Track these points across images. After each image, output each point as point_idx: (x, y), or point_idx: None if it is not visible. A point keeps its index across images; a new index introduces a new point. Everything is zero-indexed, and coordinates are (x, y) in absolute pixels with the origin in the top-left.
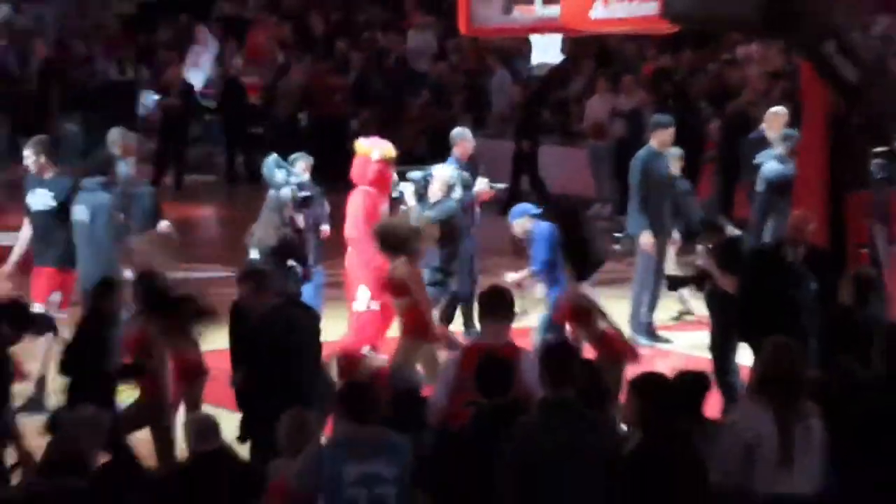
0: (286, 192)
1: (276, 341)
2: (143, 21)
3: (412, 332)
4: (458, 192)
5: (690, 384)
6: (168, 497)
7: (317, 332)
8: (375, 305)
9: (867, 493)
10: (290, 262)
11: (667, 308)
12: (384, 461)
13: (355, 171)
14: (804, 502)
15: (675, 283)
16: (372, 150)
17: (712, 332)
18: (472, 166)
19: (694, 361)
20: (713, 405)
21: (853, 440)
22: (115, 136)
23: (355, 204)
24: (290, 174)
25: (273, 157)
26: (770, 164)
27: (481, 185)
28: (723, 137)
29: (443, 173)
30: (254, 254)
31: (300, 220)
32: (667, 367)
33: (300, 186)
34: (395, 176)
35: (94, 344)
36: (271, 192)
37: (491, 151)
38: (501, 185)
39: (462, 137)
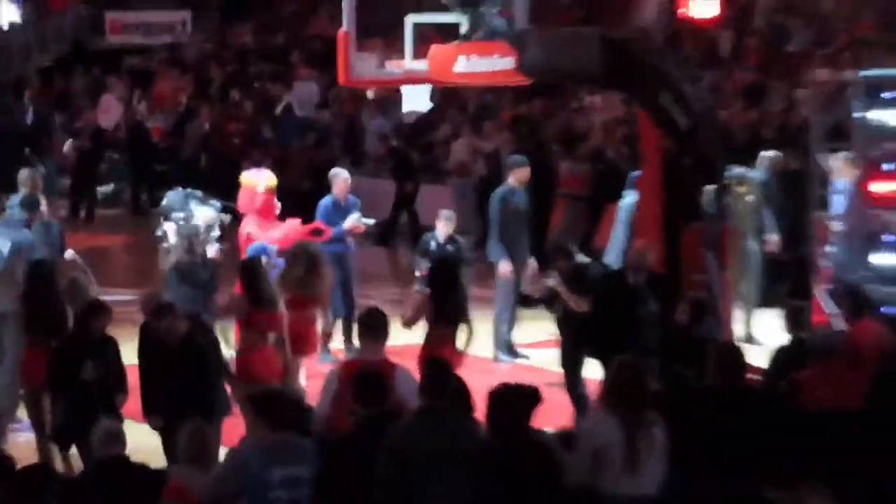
0: (213, 216)
1: (191, 367)
2: (59, 73)
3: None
4: (216, 232)
5: (522, 395)
6: (77, 499)
7: (220, 354)
8: None
9: (705, 489)
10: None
11: (526, 328)
12: (302, 465)
13: (242, 201)
14: (647, 503)
15: (528, 303)
16: (258, 182)
17: (562, 348)
18: (355, 202)
19: (549, 375)
20: (566, 414)
21: (689, 442)
22: (25, 176)
23: (252, 231)
24: (201, 202)
25: (183, 192)
26: (631, 198)
27: (351, 220)
28: (591, 178)
29: (204, 214)
30: (169, 279)
31: (211, 249)
32: (523, 381)
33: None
34: (278, 203)
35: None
36: (182, 224)
37: (368, 189)
38: (371, 221)
39: (337, 176)
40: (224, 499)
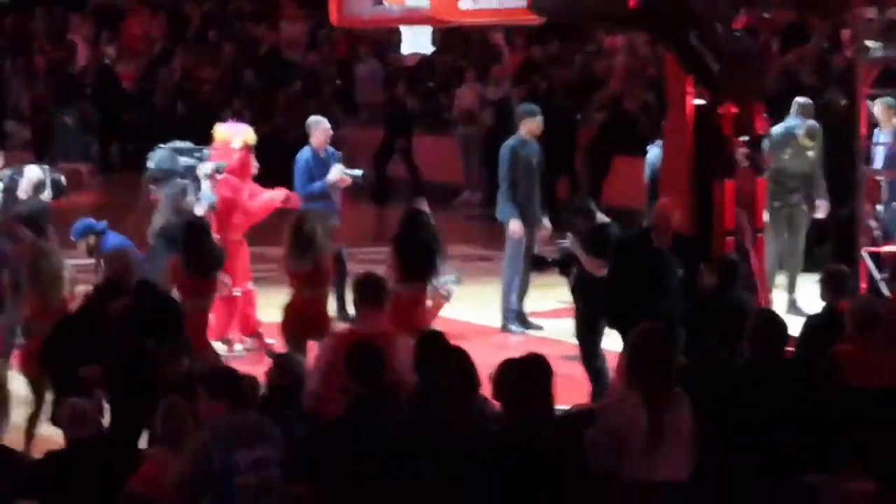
0: (209, 165)
1: None
2: (18, 10)
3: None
4: (47, 193)
5: (532, 369)
6: (43, 484)
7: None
8: (237, 291)
9: (732, 477)
10: None
11: (539, 295)
12: (268, 445)
13: (216, 157)
14: (672, 489)
15: (540, 266)
16: (233, 137)
17: (578, 317)
18: (335, 154)
19: (565, 348)
20: (583, 390)
21: (718, 424)
22: None
23: (218, 191)
24: (192, 154)
25: (170, 147)
26: (654, 151)
27: (335, 172)
28: (598, 128)
29: (31, 173)
30: (155, 246)
31: (199, 207)
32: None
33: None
34: (255, 162)
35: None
36: (172, 183)
37: (362, 140)
38: (358, 172)
39: (316, 125)
40: (198, 493)
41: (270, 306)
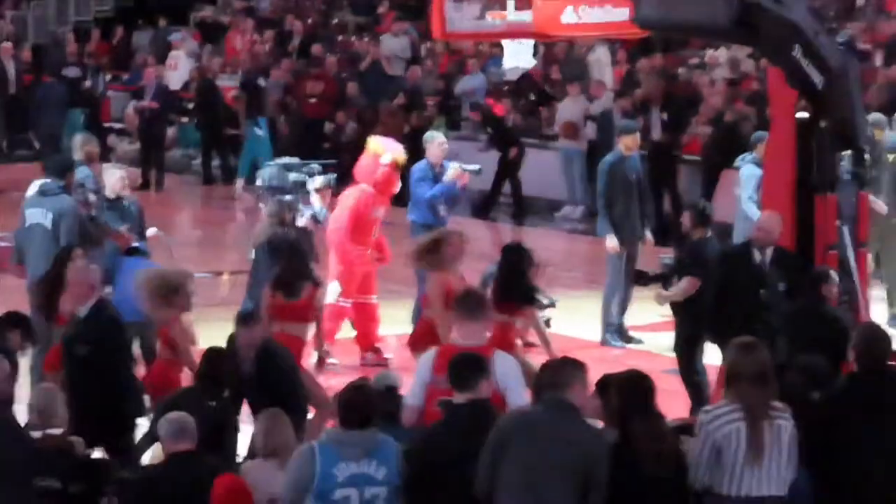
0: (319, 180)
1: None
2: (121, 24)
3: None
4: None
5: (634, 384)
6: (143, 497)
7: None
8: (345, 302)
9: (833, 491)
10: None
11: (639, 309)
12: (375, 462)
13: (360, 168)
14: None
15: (642, 280)
16: (384, 152)
17: (677, 331)
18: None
19: (665, 362)
20: (682, 405)
21: (819, 439)
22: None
23: (347, 200)
24: (301, 170)
25: (280, 164)
26: (748, 167)
27: (454, 168)
28: (709, 145)
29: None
30: (258, 257)
31: (302, 219)
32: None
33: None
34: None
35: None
36: (276, 198)
37: (465, 153)
38: (476, 167)
39: (432, 140)
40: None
41: (390, 321)
